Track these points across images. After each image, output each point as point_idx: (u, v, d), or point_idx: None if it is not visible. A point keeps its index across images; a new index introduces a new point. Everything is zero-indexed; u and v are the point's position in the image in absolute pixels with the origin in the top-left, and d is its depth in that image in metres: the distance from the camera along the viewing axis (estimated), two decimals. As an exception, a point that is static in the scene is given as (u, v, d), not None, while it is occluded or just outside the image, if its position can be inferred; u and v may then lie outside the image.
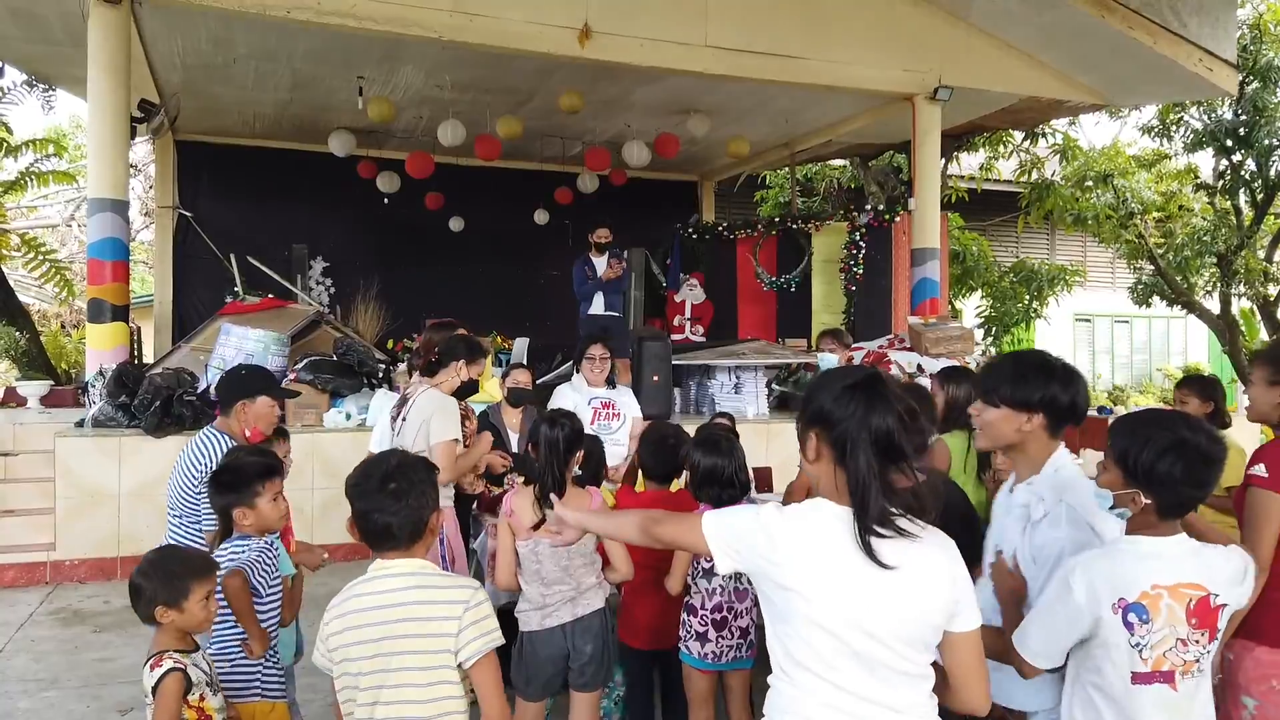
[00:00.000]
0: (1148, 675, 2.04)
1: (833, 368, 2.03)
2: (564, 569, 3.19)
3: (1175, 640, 2.03)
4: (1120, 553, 2.10)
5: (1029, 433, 2.32)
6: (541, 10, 7.75)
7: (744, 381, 8.66)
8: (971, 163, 14.18)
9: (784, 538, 1.80)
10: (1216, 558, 2.10)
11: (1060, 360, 2.38)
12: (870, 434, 1.76)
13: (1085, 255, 18.39)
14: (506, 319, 11.68)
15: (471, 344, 4.15)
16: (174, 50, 8.77)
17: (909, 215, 9.91)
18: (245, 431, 3.53)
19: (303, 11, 7.17)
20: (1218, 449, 2.08)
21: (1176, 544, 2.10)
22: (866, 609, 1.75)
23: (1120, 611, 2.03)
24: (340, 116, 10.62)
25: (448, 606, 2.16)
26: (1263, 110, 12.05)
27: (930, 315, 9.28)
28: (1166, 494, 2.07)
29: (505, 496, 3.37)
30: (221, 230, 11.51)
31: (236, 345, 7.13)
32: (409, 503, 2.20)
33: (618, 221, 9.81)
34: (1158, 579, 2.04)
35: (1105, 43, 8.78)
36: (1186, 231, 13.78)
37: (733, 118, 10.87)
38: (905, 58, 9.02)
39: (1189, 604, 2.04)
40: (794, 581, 1.78)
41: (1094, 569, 2.07)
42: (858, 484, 1.76)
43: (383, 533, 2.20)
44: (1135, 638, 2.03)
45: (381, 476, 2.22)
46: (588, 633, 3.21)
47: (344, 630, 2.18)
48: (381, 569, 2.22)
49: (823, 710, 1.80)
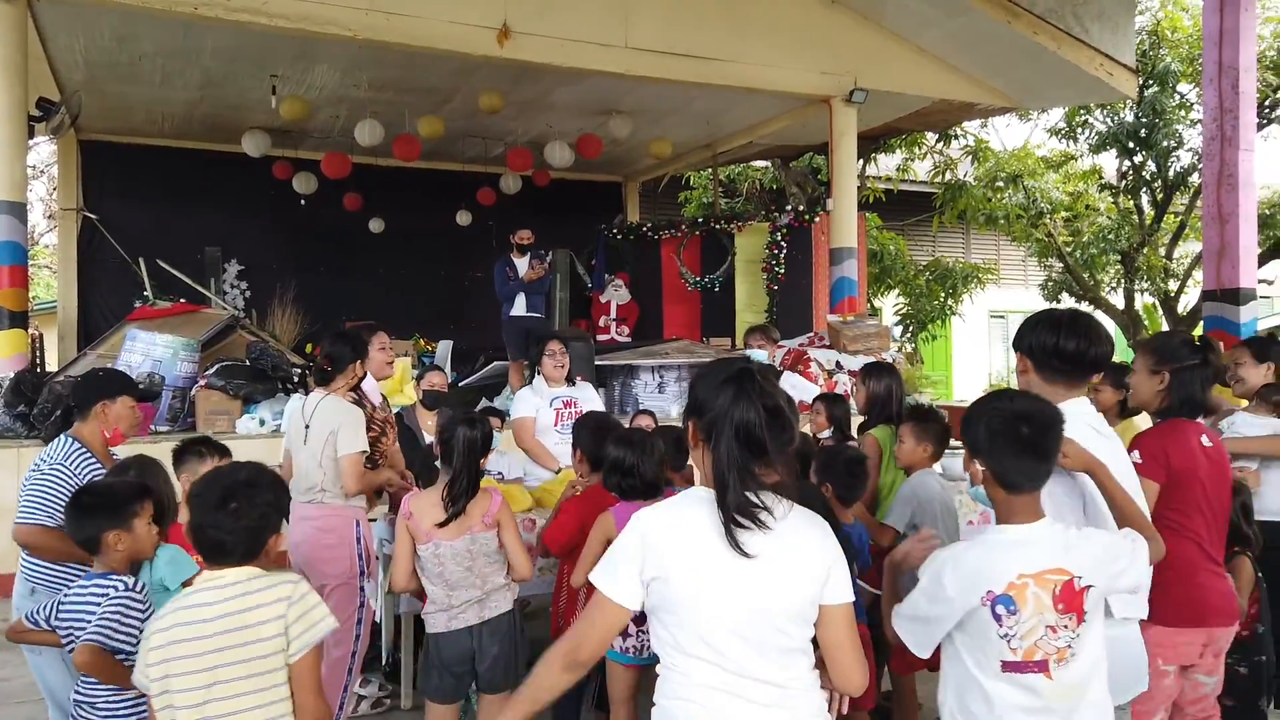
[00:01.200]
0: (1019, 665, 2.04)
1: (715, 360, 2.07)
2: (468, 569, 3.17)
3: (1044, 628, 2.03)
4: (987, 544, 2.12)
5: (1028, 379, 2.48)
6: (460, 9, 7.67)
7: (668, 381, 8.71)
8: (888, 164, 14.49)
9: (658, 533, 1.86)
10: (1081, 540, 2.12)
11: (1070, 312, 2.49)
12: (732, 425, 1.83)
13: (998, 254, 18.95)
14: (429, 321, 11.55)
15: (359, 340, 4.02)
16: (75, 47, 8.45)
17: (828, 216, 10.08)
18: (105, 433, 3.36)
19: (211, 8, 6.97)
20: (1039, 408, 2.12)
21: (1040, 529, 2.11)
22: (742, 590, 1.82)
23: (989, 604, 2.03)
24: (254, 116, 10.35)
25: (273, 607, 2.13)
26: (1161, 113, 12.58)
27: (849, 313, 9.46)
28: (995, 463, 2.11)
29: (403, 499, 3.32)
30: (130, 233, 11.11)
31: (144, 351, 6.90)
32: (245, 523, 2.16)
33: (542, 222, 9.78)
34: (1023, 568, 2.04)
35: (1013, 48, 9.06)
36: (1092, 230, 14.31)
37: (655, 119, 10.92)
38: (822, 61, 9.18)
39: (1055, 590, 2.04)
40: (674, 570, 1.83)
41: (963, 562, 2.10)
42: (719, 473, 1.83)
43: (215, 548, 2.17)
44: (1004, 629, 2.03)
45: (223, 493, 2.17)
46: (495, 634, 3.21)
47: (167, 645, 2.10)
48: (206, 580, 2.18)
49: (705, 691, 1.84)
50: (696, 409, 1.92)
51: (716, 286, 11.61)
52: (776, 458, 1.85)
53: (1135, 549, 2.19)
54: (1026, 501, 2.12)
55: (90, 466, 3.27)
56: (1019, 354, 2.50)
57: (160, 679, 2.09)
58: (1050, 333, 2.40)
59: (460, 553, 3.15)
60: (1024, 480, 2.10)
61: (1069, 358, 2.40)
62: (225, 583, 2.15)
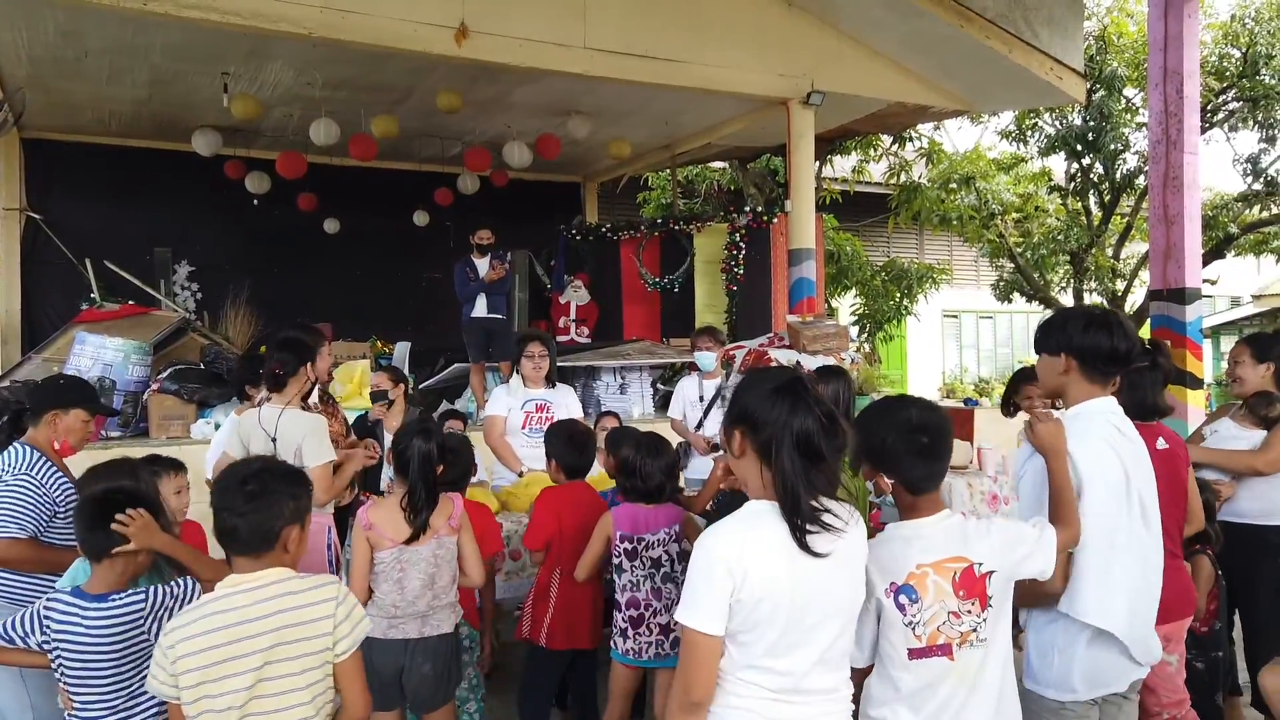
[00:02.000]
0: (923, 650, 2.14)
1: (758, 369, 2.12)
2: (429, 577, 3.14)
3: (947, 614, 2.14)
4: (888, 539, 2.23)
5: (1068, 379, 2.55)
6: (417, 8, 7.59)
7: (629, 382, 8.72)
8: (844, 165, 14.64)
9: (737, 555, 1.87)
10: (982, 530, 2.22)
11: (1104, 311, 2.56)
12: (793, 436, 1.87)
13: (951, 254, 19.25)
14: (386, 323, 11.42)
15: (304, 344, 3.89)
16: (18, 41, 8.21)
17: (786, 217, 10.15)
18: (54, 444, 3.25)
19: (160, 4, 6.80)
20: (932, 417, 2.21)
21: (936, 523, 2.21)
22: (820, 596, 1.90)
23: (892, 594, 2.14)
24: (204, 114, 10.14)
25: (322, 606, 2.17)
26: (1108, 117, 12.87)
27: (808, 313, 9.53)
28: (895, 469, 2.20)
29: (360, 510, 3.24)
30: (76, 234, 10.83)
31: (93, 355, 6.74)
32: (258, 506, 2.16)
33: (500, 223, 9.71)
34: (921, 558, 2.15)
35: (965, 51, 9.20)
36: (1042, 231, 14.60)
37: (613, 119, 10.91)
38: (779, 63, 9.24)
39: (954, 577, 2.15)
40: (758, 589, 1.86)
41: (869, 558, 2.18)
42: (785, 486, 1.87)
43: (229, 533, 2.16)
44: (908, 617, 2.13)
45: (242, 477, 2.19)
46: (429, 654, 3.16)
47: (207, 650, 2.09)
48: (236, 584, 2.16)
49: (766, 701, 1.90)
50: (747, 419, 1.94)
51: (676, 287, 11.63)
52: (833, 463, 1.91)
53: (1042, 536, 2.28)
54: (928, 499, 2.22)
55: (56, 477, 3.18)
56: (1061, 354, 2.53)
57: (195, 685, 2.07)
58: (1105, 335, 2.47)
59: (425, 558, 3.13)
60: (928, 483, 2.20)
61: (1119, 358, 2.49)
62: (263, 583, 2.15)
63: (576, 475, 3.72)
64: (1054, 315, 2.66)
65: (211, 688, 2.09)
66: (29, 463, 3.15)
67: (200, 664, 2.08)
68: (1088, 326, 2.49)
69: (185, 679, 2.08)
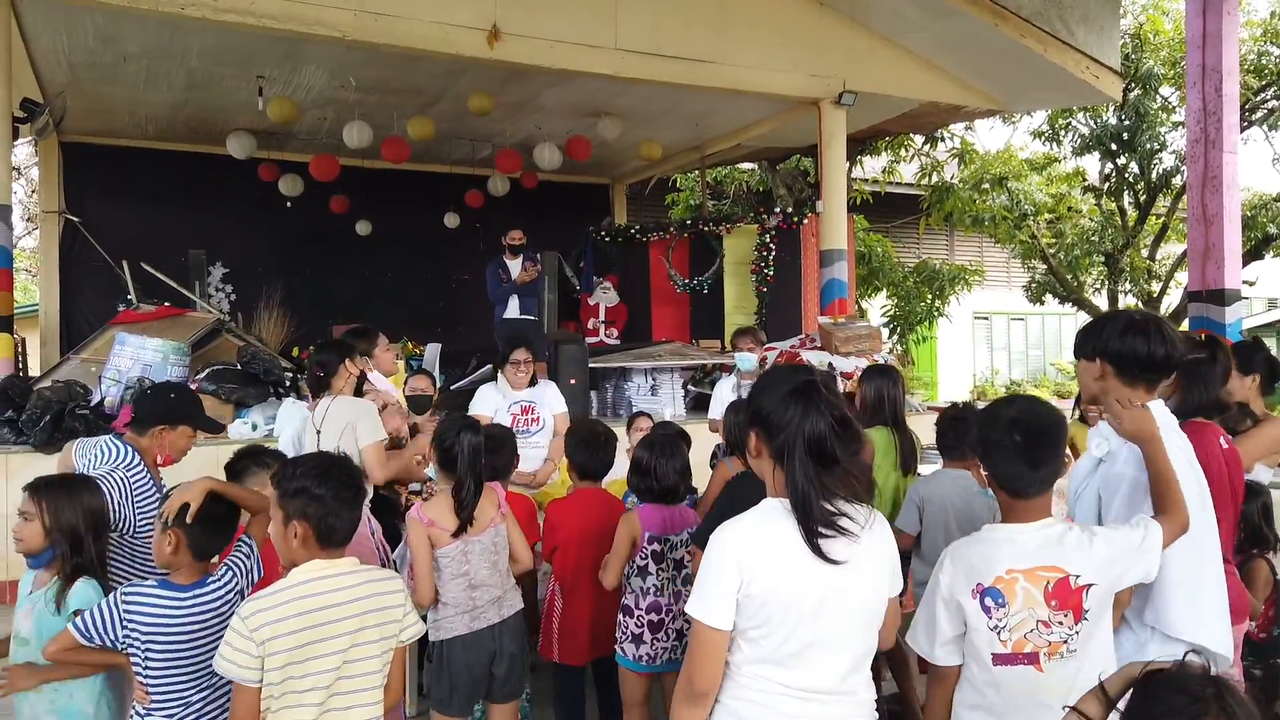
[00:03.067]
0: (1009, 657, 2.10)
1: (774, 369, 2.11)
2: (493, 564, 3.15)
3: (1035, 622, 2.09)
4: (979, 541, 2.19)
5: (1106, 384, 2.46)
6: (449, 10, 7.63)
7: (660, 383, 8.70)
8: (875, 166, 14.56)
9: (745, 551, 1.88)
10: (1086, 541, 2.15)
11: (1143, 315, 2.47)
12: (804, 440, 1.86)
13: (982, 255, 19.08)
14: (417, 324, 11.47)
15: (342, 342, 4.10)
16: (58, 47, 8.34)
17: (817, 217, 10.10)
18: (157, 456, 3.28)
19: (197, 8, 6.89)
20: (1034, 420, 2.15)
21: (1034, 529, 2.15)
22: (831, 598, 1.87)
23: (978, 596, 2.10)
24: (239, 117, 10.26)
25: (397, 595, 2.38)
26: (1144, 115, 12.71)
27: (839, 315, 9.48)
28: (992, 468, 2.18)
29: (412, 510, 3.23)
30: (113, 236, 10.97)
31: (133, 355, 6.82)
32: (355, 505, 2.37)
33: (529, 224, 9.74)
34: (1013, 563, 2.10)
35: (999, 50, 9.11)
36: (1076, 232, 14.43)
37: (643, 120, 10.91)
38: (811, 63, 9.20)
39: (1047, 586, 2.09)
40: (765, 585, 1.86)
41: (957, 558, 2.17)
42: (797, 491, 1.86)
43: (331, 533, 2.31)
44: (993, 620, 2.09)
45: (339, 482, 2.34)
46: (513, 634, 3.20)
47: (293, 633, 2.19)
48: (323, 569, 2.30)
49: (777, 696, 1.88)
50: (761, 421, 1.95)
51: (705, 288, 11.61)
52: (849, 466, 1.89)
53: (1146, 539, 2.21)
54: (1029, 505, 2.16)
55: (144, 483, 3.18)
56: (1097, 360, 2.47)
57: (282, 666, 2.18)
58: (1141, 341, 2.39)
59: (487, 546, 3.15)
60: (1019, 485, 2.15)
61: (1156, 364, 2.42)
62: (342, 571, 2.32)
63: (591, 477, 3.70)
64: (1094, 320, 2.61)
65: (296, 669, 2.19)
66: (126, 462, 3.18)
67: (289, 645, 2.18)
68: (1124, 331, 2.42)
69: (273, 660, 2.17)
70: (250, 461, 3.37)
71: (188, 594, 2.53)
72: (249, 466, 3.37)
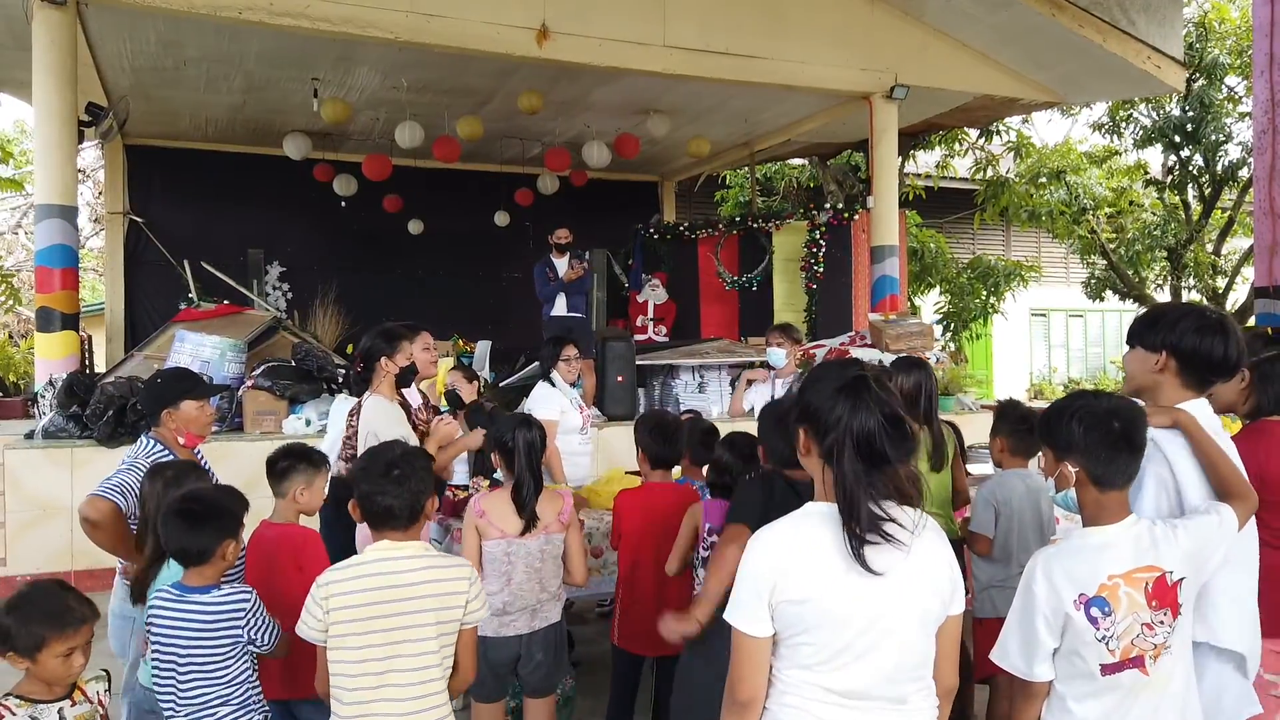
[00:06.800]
0: (1117, 665, 2.03)
1: (824, 364, 2.02)
2: (535, 570, 3.15)
3: (1140, 626, 2.02)
4: (1074, 549, 2.10)
5: (1162, 377, 2.37)
6: (499, 11, 7.70)
7: (708, 380, 8.67)
8: (928, 160, 14.35)
9: (782, 556, 1.81)
10: (1170, 535, 2.10)
11: (1216, 313, 2.38)
12: (853, 438, 1.78)
13: (1039, 251, 18.69)
14: (468, 322, 11.57)
15: (385, 335, 4.06)
16: (122, 52, 8.59)
17: (868, 213, 9.98)
18: (179, 439, 3.37)
19: (255, 13, 7.05)
20: (1126, 408, 2.10)
21: (1125, 529, 2.08)
22: (872, 608, 1.79)
23: (1082, 607, 2.02)
24: (295, 119, 10.47)
25: (458, 581, 2.44)
26: (1209, 106, 12.33)
27: (890, 312, 9.37)
28: (1091, 460, 2.07)
29: (472, 499, 3.30)
30: (174, 236, 11.29)
31: (192, 352, 6.99)
32: (409, 487, 2.42)
33: (578, 222, 9.77)
34: (1112, 569, 2.03)
35: (1057, 41, 8.92)
36: (1137, 227, 14.06)
37: (692, 117, 10.88)
38: (862, 57, 9.09)
39: (1146, 587, 2.03)
40: (801, 593, 1.79)
41: (1052, 568, 2.08)
42: (845, 490, 1.78)
43: (384, 514, 2.41)
44: (1101, 631, 2.02)
45: (386, 463, 2.45)
46: (542, 644, 3.19)
47: (356, 606, 2.33)
48: (388, 550, 2.41)
49: (822, 704, 1.82)
50: (810, 417, 1.87)
51: (754, 285, 11.53)
52: (900, 467, 1.81)
53: (1222, 525, 2.15)
54: (1116, 499, 2.09)
55: None
56: (1162, 352, 2.35)
57: (341, 635, 2.32)
58: (1220, 342, 2.29)
59: (533, 553, 3.15)
60: (1119, 476, 2.08)
61: (1227, 368, 2.33)
62: (409, 554, 2.42)
63: (663, 465, 3.70)
64: (1162, 309, 2.46)
65: (352, 640, 2.32)
66: (147, 451, 3.31)
67: (350, 616, 2.32)
68: (1202, 329, 2.30)
69: (336, 628, 2.31)
70: (293, 460, 3.35)
71: (193, 596, 2.58)
72: (300, 464, 3.38)
